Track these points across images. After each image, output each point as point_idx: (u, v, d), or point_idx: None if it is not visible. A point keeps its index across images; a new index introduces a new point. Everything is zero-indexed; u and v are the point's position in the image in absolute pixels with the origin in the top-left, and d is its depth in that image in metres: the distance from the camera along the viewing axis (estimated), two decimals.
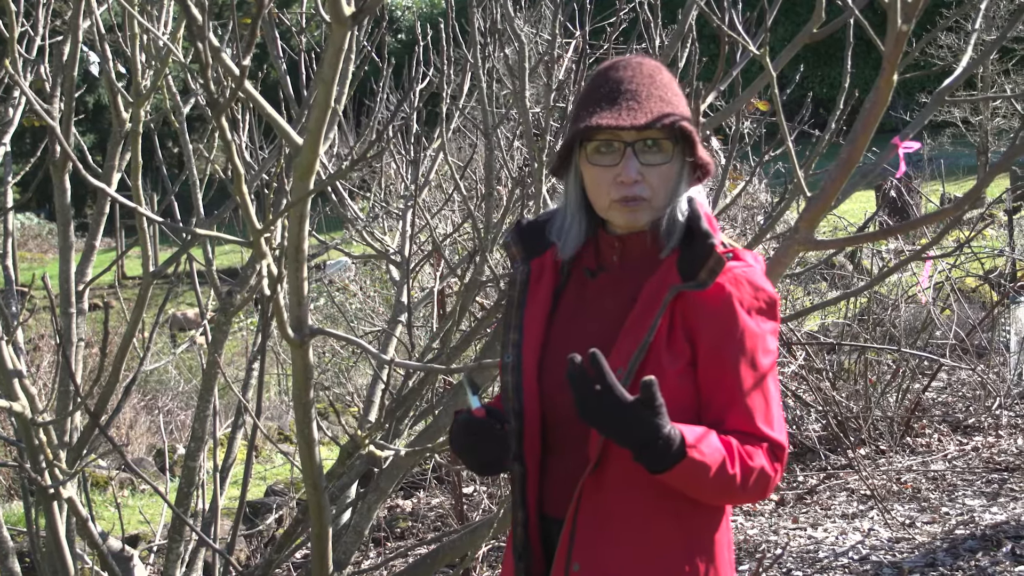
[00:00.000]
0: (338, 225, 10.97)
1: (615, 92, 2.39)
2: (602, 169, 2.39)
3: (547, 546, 2.50)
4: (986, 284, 11.06)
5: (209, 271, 4.83)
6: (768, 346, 2.37)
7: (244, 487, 4.36)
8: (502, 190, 5.64)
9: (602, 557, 2.39)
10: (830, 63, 32.28)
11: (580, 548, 2.39)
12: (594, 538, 2.39)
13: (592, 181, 2.42)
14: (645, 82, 2.41)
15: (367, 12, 2.22)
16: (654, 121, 2.34)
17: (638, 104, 2.37)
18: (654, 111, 2.36)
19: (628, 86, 2.40)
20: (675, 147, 2.39)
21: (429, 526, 7.46)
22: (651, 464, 2.22)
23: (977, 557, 5.72)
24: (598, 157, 2.40)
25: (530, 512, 2.49)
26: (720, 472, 2.25)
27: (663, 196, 2.40)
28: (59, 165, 4.42)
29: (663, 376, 2.31)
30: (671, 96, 2.42)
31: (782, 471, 2.37)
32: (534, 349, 2.49)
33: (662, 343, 2.34)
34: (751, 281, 2.37)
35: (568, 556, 2.40)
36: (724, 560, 2.46)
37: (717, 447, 2.26)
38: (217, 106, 2.30)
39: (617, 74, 2.43)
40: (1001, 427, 8.18)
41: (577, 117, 2.42)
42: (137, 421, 11.48)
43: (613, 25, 4.81)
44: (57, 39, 4.52)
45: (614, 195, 2.38)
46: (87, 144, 5.15)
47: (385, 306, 10.98)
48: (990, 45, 4.29)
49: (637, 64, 2.45)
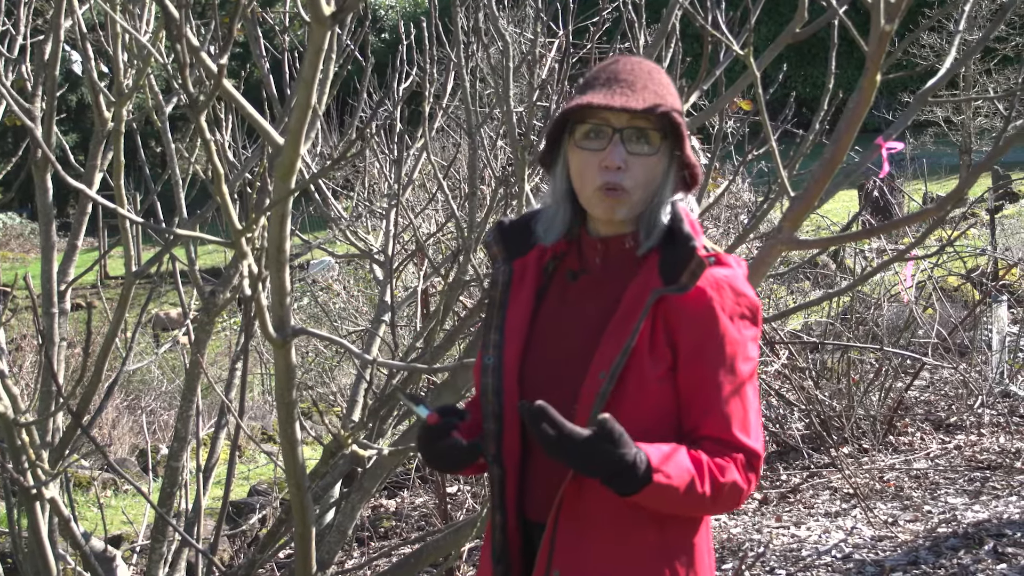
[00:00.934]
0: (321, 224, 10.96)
1: (611, 80, 2.40)
2: (589, 153, 2.38)
3: (526, 550, 2.49)
4: (968, 283, 11.10)
5: (192, 271, 4.81)
6: (748, 353, 2.36)
7: (227, 487, 4.35)
8: (485, 189, 5.64)
9: (583, 562, 2.38)
10: (813, 63, 32.36)
11: (561, 553, 2.38)
12: (575, 543, 2.38)
13: (578, 166, 2.41)
14: (642, 76, 2.41)
15: (347, 12, 2.22)
16: (646, 107, 2.34)
17: (632, 91, 2.36)
18: (647, 100, 2.36)
19: (625, 76, 2.40)
20: (663, 141, 2.39)
21: (413, 525, 7.45)
22: (619, 489, 2.23)
23: (959, 555, 5.74)
24: (586, 141, 2.39)
25: (509, 515, 2.48)
26: (689, 491, 2.25)
27: (645, 191, 2.38)
28: (41, 165, 4.41)
29: (644, 380, 2.31)
30: (665, 93, 2.41)
31: (757, 480, 2.36)
32: (515, 351, 2.48)
33: (644, 347, 2.32)
34: (733, 286, 2.36)
35: (549, 561, 2.39)
36: (704, 564, 2.45)
37: (686, 467, 2.26)
38: (197, 106, 2.29)
39: (615, 66, 2.44)
40: (983, 425, 8.20)
41: (570, 101, 2.42)
42: (120, 421, 11.45)
43: (596, 24, 4.81)
44: (39, 38, 4.51)
45: (598, 181, 2.37)
46: (69, 143, 5.13)
47: (368, 305, 10.97)
48: (973, 45, 4.30)
49: (637, 61, 2.46)
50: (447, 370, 4.47)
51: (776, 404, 8.23)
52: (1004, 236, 14.44)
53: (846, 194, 16.48)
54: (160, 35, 4.55)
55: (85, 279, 5.89)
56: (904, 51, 4.59)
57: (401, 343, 6.61)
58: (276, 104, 4.66)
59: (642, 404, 2.32)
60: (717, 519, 6.74)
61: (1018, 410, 8.49)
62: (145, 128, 5.83)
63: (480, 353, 2.53)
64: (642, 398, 2.31)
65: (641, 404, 2.32)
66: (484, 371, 2.49)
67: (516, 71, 4.91)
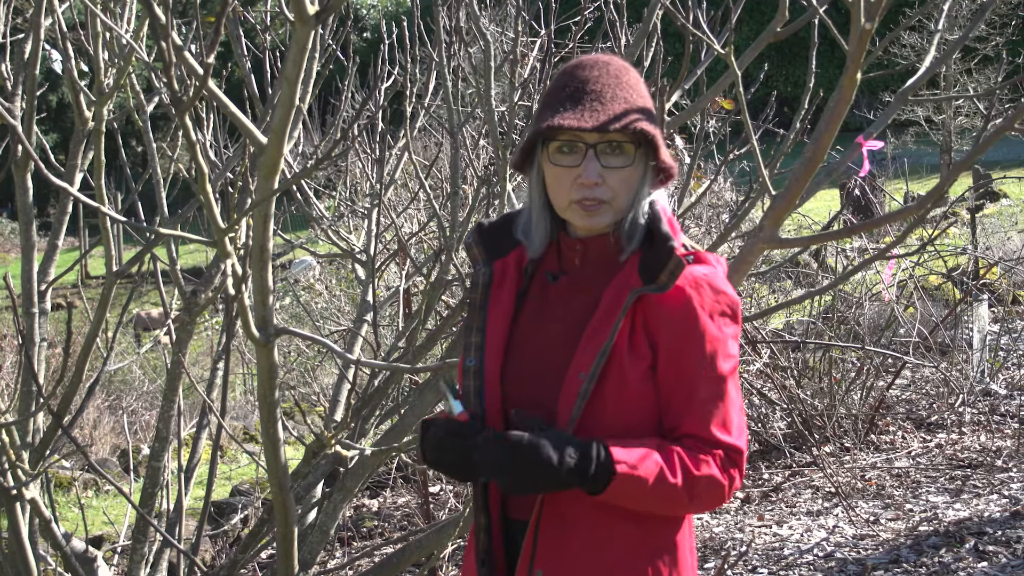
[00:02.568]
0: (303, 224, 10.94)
1: (579, 92, 2.37)
2: (563, 169, 2.37)
3: (509, 550, 2.49)
4: (949, 282, 11.13)
5: (173, 270, 4.80)
6: (729, 350, 2.36)
7: (209, 487, 4.34)
8: (468, 189, 5.65)
9: (565, 563, 2.38)
10: (794, 62, 32.43)
11: (543, 554, 2.39)
12: (557, 544, 2.38)
13: (553, 181, 2.40)
14: (611, 83, 2.39)
15: (330, 11, 2.22)
16: (616, 124, 2.33)
17: (601, 105, 2.35)
18: (618, 111, 2.35)
19: (593, 86, 2.37)
20: (638, 150, 2.37)
21: (395, 525, 7.45)
22: (585, 485, 2.26)
23: (940, 553, 5.75)
24: (560, 157, 2.38)
25: (493, 516, 2.48)
26: (659, 483, 2.26)
27: (624, 198, 2.38)
28: (21, 164, 4.39)
29: (625, 379, 2.32)
30: (636, 98, 2.40)
31: (740, 477, 2.37)
32: (497, 352, 2.47)
33: (624, 347, 2.33)
34: (712, 285, 2.36)
35: (531, 562, 2.39)
36: (686, 564, 2.45)
37: (653, 459, 2.27)
38: (181, 105, 2.29)
39: (583, 73, 2.40)
40: (964, 424, 8.23)
41: (540, 116, 2.40)
42: (101, 421, 11.41)
43: (578, 24, 4.81)
44: (18, 37, 4.49)
45: (574, 196, 2.36)
46: (50, 143, 5.11)
47: (351, 305, 10.94)
48: (953, 44, 4.32)
49: (604, 64, 2.43)
50: (429, 370, 4.47)
51: (758, 403, 8.24)
52: (985, 235, 14.49)
53: (827, 193, 16.50)
54: (141, 33, 4.54)
55: (66, 279, 5.87)
56: (884, 50, 4.61)
57: (383, 343, 6.61)
58: (258, 103, 4.65)
59: (623, 403, 2.32)
60: (699, 518, 6.75)
61: (999, 409, 8.52)
62: (126, 127, 5.81)
63: (462, 355, 2.53)
64: (623, 397, 2.32)
65: (622, 403, 2.32)
66: (466, 373, 2.48)
67: (498, 70, 4.91)
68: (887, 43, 4.12)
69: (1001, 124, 3.25)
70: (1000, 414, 8.39)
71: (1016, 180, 18.09)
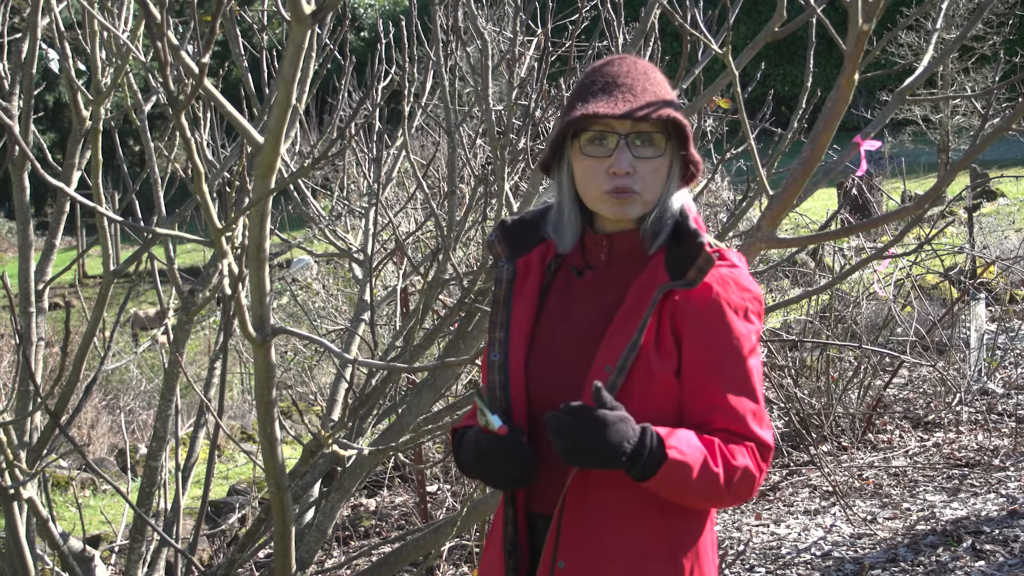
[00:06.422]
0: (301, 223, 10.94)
1: (611, 85, 2.41)
2: (595, 160, 2.39)
3: (533, 543, 2.51)
4: (946, 281, 11.13)
5: (171, 270, 4.80)
6: (755, 346, 2.39)
7: (206, 486, 4.34)
8: (465, 188, 5.64)
9: (588, 555, 2.40)
10: (792, 61, 32.41)
11: (566, 546, 2.40)
12: (580, 536, 2.40)
13: (583, 173, 2.42)
14: (640, 78, 2.43)
15: (327, 10, 2.22)
16: (650, 112, 2.36)
17: (633, 96, 2.38)
18: (649, 103, 2.38)
19: (624, 79, 2.42)
20: (668, 142, 2.41)
21: (393, 525, 7.44)
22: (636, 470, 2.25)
23: (938, 552, 5.76)
24: (591, 148, 2.40)
25: (518, 509, 2.50)
26: (703, 471, 2.27)
27: (654, 190, 2.41)
28: (18, 163, 4.39)
29: (651, 375, 2.34)
30: (664, 94, 2.43)
31: (766, 470, 2.39)
32: (521, 347, 2.49)
33: (651, 343, 2.35)
34: (737, 282, 2.39)
35: (554, 554, 2.41)
36: (708, 560, 2.47)
37: (697, 445, 2.28)
38: (177, 104, 2.29)
39: (613, 69, 2.45)
40: (961, 423, 8.23)
41: (570, 109, 2.42)
42: (98, 421, 11.41)
43: (575, 23, 4.81)
44: (16, 36, 4.48)
45: (606, 186, 2.38)
46: (47, 143, 5.12)
47: (348, 304, 10.95)
48: (951, 44, 4.32)
49: (632, 61, 2.48)
50: (427, 369, 4.47)
51: None
52: (982, 234, 14.49)
53: (825, 192, 16.52)
54: (138, 33, 4.54)
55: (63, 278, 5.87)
56: (882, 50, 4.61)
57: (381, 342, 6.61)
58: (255, 102, 4.64)
59: (648, 399, 2.34)
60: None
61: (996, 407, 8.53)
62: (123, 127, 5.81)
63: (486, 350, 2.55)
64: (648, 393, 2.34)
65: (647, 399, 2.34)
66: (490, 368, 2.50)
67: (495, 70, 4.91)
68: (885, 43, 4.12)
69: (999, 124, 3.25)
70: (997, 413, 8.40)
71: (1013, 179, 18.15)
